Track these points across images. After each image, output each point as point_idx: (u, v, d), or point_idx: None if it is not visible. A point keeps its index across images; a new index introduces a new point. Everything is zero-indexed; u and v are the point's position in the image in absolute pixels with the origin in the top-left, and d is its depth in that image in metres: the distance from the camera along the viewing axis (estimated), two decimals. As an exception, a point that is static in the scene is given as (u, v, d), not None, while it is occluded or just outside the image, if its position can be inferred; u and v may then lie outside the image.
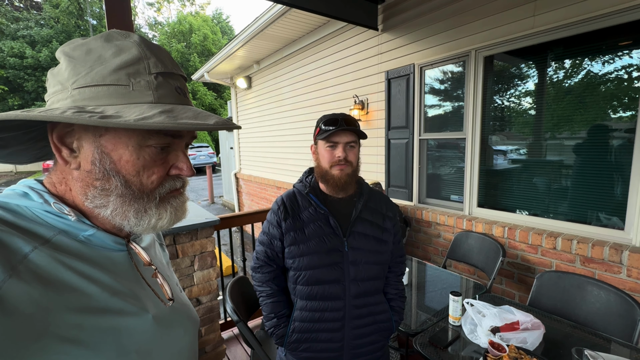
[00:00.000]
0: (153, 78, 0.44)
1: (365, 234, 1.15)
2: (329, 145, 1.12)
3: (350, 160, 1.13)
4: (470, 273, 2.66)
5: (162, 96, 0.45)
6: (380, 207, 1.22)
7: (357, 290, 1.12)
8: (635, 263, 1.75)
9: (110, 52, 0.44)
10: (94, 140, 0.43)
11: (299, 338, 1.13)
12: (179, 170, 0.49)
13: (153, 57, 0.45)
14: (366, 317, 1.14)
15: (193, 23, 25.49)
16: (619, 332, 1.44)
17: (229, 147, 8.58)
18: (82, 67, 0.43)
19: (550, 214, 2.22)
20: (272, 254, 1.18)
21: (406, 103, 3.01)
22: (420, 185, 3.04)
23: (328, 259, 1.11)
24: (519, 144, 2.41)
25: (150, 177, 0.46)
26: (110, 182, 0.44)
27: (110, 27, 1.62)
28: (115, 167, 0.44)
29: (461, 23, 2.50)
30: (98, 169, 0.44)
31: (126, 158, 0.44)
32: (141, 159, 0.45)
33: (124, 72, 0.43)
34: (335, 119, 1.11)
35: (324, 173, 1.14)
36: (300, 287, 1.13)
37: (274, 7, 3.60)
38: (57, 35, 19.06)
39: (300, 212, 1.15)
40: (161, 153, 0.46)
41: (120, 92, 0.43)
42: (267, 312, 1.17)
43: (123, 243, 0.49)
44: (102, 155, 0.44)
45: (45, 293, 0.36)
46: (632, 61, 1.83)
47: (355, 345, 1.14)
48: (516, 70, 2.37)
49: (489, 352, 1.18)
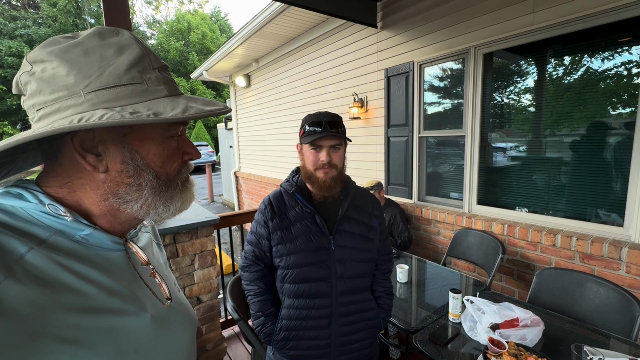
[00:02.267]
0: (158, 72, 0.46)
1: (351, 232, 1.16)
2: (313, 148, 1.12)
3: (335, 163, 1.12)
4: (470, 270, 2.66)
5: (171, 89, 0.47)
6: (366, 205, 1.23)
7: (343, 287, 1.13)
8: (635, 259, 1.75)
9: (111, 51, 0.43)
10: (120, 141, 0.45)
11: (286, 336, 1.14)
12: (189, 155, 0.52)
13: (151, 53, 0.47)
14: (353, 314, 1.16)
15: (191, 21, 25.42)
16: (618, 329, 1.44)
17: (228, 146, 8.57)
18: (89, 69, 0.41)
19: (549, 211, 2.22)
20: (260, 253, 1.19)
21: (405, 101, 3.00)
22: (420, 183, 3.04)
23: (315, 257, 1.12)
24: (518, 141, 2.40)
25: (172, 166, 0.49)
26: (142, 177, 0.46)
27: (108, 25, 1.61)
28: (145, 162, 0.46)
29: (460, 20, 2.49)
30: (131, 167, 0.45)
31: (154, 151, 0.47)
32: (165, 150, 0.48)
33: (135, 71, 0.44)
34: (319, 120, 1.09)
35: (309, 175, 1.14)
36: (287, 285, 1.14)
37: (273, 5, 3.58)
38: (55, 34, 18.90)
39: (287, 212, 1.16)
40: (176, 142, 0.50)
41: (138, 90, 0.44)
42: (255, 311, 1.18)
43: (121, 242, 0.49)
44: (132, 152, 0.45)
45: (42, 293, 0.36)
46: (632, 57, 1.83)
47: (342, 342, 1.15)
48: (515, 68, 2.37)
49: (489, 349, 1.18)
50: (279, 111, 5.26)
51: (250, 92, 6.19)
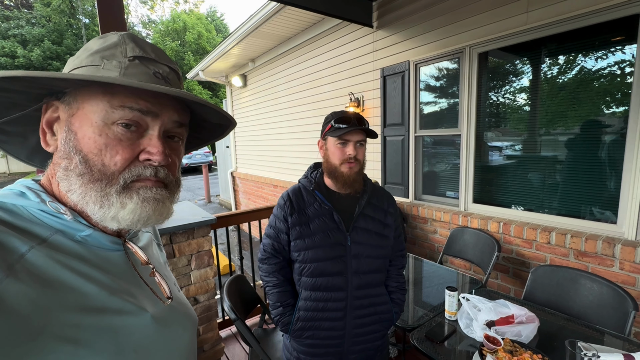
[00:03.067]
0: (127, 60, 0.45)
1: (367, 229, 1.20)
2: (340, 142, 1.16)
3: (359, 158, 1.18)
4: (466, 268, 2.68)
5: (130, 74, 0.44)
6: (382, 203, 1.27)
7: (358, 282, 1.17)
8: (628, 256, 1.78)
9: (98, 43, 0.47)
10: (67, 120, 0.44)
11: (303, 326, 1.18)
12: (148, 154, 0.45)
13: (132, 44, 0.46)
14: (367, 307, 1.20)
15: (187, 21, 25.26)
16: (611, 324, 1.46)
17: (225, 146, 8.55)
18: (75, 59, 0.47)
19: (544, 209, 2.25)
20: (279, 247, 1.23)
21: (402, 100, 3.02)
22: (417, 182, 3.06)
23: (332, 252, 1.16)
24: (513, 140, 2.42)
25: (113, 158, 0.43)
26: (72, 161, 0.43)
27: (102, 25, 1.61)
28: (78, 145, 0.43)
29: (455, 20, 2.50)
30: (64, 148, 0.44)
31: (89, 135, 0.43)
32: (103, 136, 0.42)
33: (99, 55, 0.45)
34: (348, 117, 1.15)
35: (333, 169, 1.18)
36: (305, 278, 1.18)
37: (269, 5, 3.58)
38: (48, 34, 18.77)
39: (306, 208, 1.20)
40: (129, 133, 0.43)
41: (90, 70, 0.44)
42: (274, 302, 1.22)
43: (120, 243, 0.49)
44: (69, 132, 0.44)
45: (43, 292, 0.36)
46: (625, 57, 1.85)
47: (356, 333, 1.20)
48: (510, 67, 2.39)
49: (485, 346, 1.19)
50: (275, 111, 5.25)
51: (246, 92, 6.18)
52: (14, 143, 0.52)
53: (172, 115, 0.48)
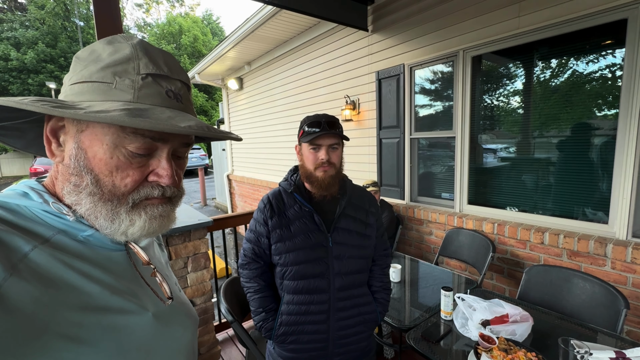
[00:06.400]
0: (140, 78, 0.44)
1: (348, 230, 1.19)
2: (313, 147, 1.15)
3: (333, 162, 1.16)
4: (461, 269, 2.70)
5: (143, 96, 0.44)
6: (363, 203, 1.27)
7: (341, 283, 1.16)
8: (619, 255, 1.81)
9: (107, 52, 0.45)
10: (75, 135, 0.44)
11: (286, 331, 1.16)
12: (157, 177, 0.46)
13: (145, 59, 0.45)
14: (350, 309, 1.19)
15: (183, 24, 25.24)
16: (604, 322, 1.49)
17: (221, 149, 8.53)
18: (79, 65, 0.45)
19: (538, 210, 2.28)
20: (259, 251, 1.21)
21: (397, 103, 3.04)
22: (412, 184, 3.08)
23: (313, 254, 1.15)
24: (507, 142, 2.46)
25: (124, 180, 0.44)
26: (83, 179, 0.44)
27: (98, 28, 1.61)
28: (89, 164, 0.43)
29: (449, 24, 2.54)
30: (73, 164, 0.44)
31: (100, 156, 0.43)
32: (114, 158, 0.43)
33: (110, 71, 0.44)
34: (318, 121, 1.14)
35: (309, 174, 1.17)
36: (287, 282, 1.17)
37: (265, 8, 3.60)
38: (42, 37, 18.65)
39: (286, 210, 1.19)
40: (139, 156, 0.45)
41: (102, 89, 0.43)
42: (256, 307, 1.20)
43: (122, 243, 0.50)
44: (79, 150, 0.44)
45: (46, 291, 0.37)
46: (615, 60, 1.89)
47: (340, 336, 1.18)
48: (504, 70, 2.43)
49: (480, 345, 1.21)
50: (271, 114, 5.26)
51: (242, 94, 6.18)
52: (10, 136, 0.52)
53: (182, 138, 0.49)
